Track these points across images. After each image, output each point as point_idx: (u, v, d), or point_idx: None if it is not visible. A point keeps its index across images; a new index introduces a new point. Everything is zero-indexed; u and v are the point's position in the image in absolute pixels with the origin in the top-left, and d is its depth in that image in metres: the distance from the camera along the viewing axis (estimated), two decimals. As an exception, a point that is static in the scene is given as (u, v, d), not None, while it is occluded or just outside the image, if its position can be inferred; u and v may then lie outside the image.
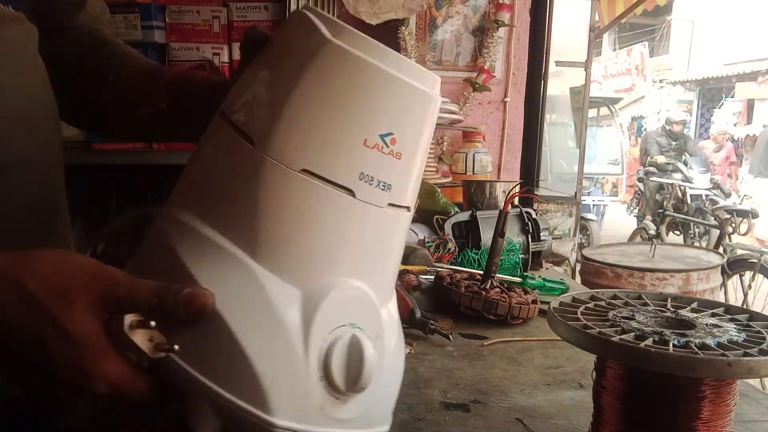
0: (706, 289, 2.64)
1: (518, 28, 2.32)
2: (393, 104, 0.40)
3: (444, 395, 0.65)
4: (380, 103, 0.39)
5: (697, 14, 12.40)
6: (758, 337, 0.46)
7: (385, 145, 0.40)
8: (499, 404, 0.64)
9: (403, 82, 0.39)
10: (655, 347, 0.43)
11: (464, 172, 2.03)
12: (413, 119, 0.41)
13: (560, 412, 0.62)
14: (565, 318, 0.49)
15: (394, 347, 0.44)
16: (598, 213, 6.75)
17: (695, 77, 12.40)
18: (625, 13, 3.43)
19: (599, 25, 2.99)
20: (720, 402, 0.44)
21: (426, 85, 0.41)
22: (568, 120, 3.15)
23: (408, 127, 0.41)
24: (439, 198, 1.49)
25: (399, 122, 0.40)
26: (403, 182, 0.42)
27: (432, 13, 2.29)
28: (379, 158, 0.40)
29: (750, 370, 0.41)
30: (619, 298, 0.57)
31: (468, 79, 2.31)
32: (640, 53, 12.35)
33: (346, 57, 0.38)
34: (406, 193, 0.43)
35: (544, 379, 0.71)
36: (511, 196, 1.04)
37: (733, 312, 0.53)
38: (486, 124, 2.35)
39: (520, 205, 1.40)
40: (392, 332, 0.44)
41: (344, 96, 0.39)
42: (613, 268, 2.67)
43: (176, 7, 1.75)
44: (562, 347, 0.81)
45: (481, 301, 0.91)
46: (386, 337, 0.43)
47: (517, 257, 1.23)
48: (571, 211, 2.49)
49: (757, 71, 10.51)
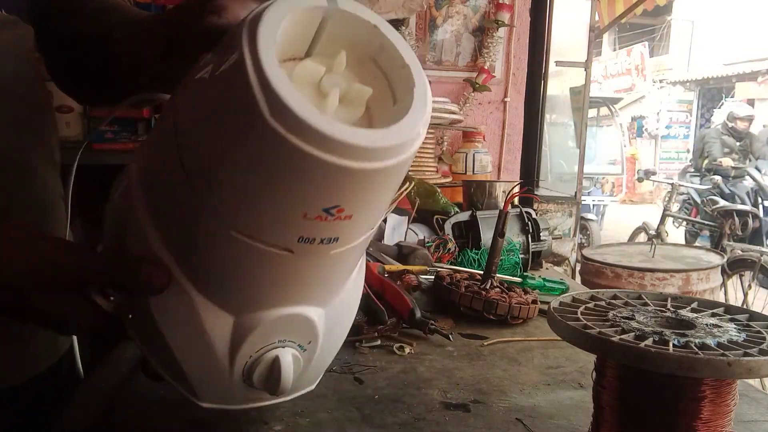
0: (706, 289, 2.64)
1: (518, 28, 2.32)
2: (337, 187, 0.34)
3: (444, 395, 0.65)
4: (319, 187, 0.34)
5: (697, 14, 12.40)
6: (758, 337, 0.46)
7: (330, 215, 0.35)
8: (499, 404, 0.64)
9: (345, 168, 0.32)
10: (655, 347, 0.43)
11: (464, 172, 2.04)
12: (365, 193, 0.36)
13: (560, 412, 0.62)
14: (565, 318, 0.49)
15: (336, 326, 0.47)
16: (598, 213, 6.75)
17: (695, 77, 12.40)
18: (625, 13, 3.43)
19: (599, 25, 2.99)
20: (720, 402, 0.44)
21: (382, 158, 0.34)
22: (568, 120, 3.15)
23: (359, 199, 0.36)
24: (439, 198, 1.49)
25: (345, 197, 0.35)
26: (354, 233, 0.38)
27: (432, 13, 2.30)
28: (323, 225, 0.35)
29: (750, 370, 0.41)
30: (619, 298, 0.57)
31: (468, 79, 2.32)
32: (640, 53, 12.35)
33: (281, 142, 0.31)
34: (359, 235, 0.39)
35: (544, 379, 0.71)
36: (511, 196, 1.04)
37: (733, 312, 0.52)
38: (486, 124, 2.35)
39: (520, 205, 1.40)
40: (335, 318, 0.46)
41: (279, 178, 0.33)
42: (613, 268, 2.67)
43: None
44: (562, 347, 0.81)
45: (481, 301, 0.91)
46: (320, 334, 0.45)
47: (517, 257, 1.23)
48: (571, 211, 2.49)
49: (757, 71, 10.52)
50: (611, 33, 12.65)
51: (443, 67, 2.35)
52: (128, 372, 0.68)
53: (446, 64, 2.35)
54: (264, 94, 0.31)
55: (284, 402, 0.62)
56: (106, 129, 1.76)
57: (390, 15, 2.04)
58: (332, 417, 0.59)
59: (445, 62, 2.35)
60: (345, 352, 0.77)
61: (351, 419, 0.59)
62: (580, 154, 2.65)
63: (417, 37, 2.28)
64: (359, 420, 0.59)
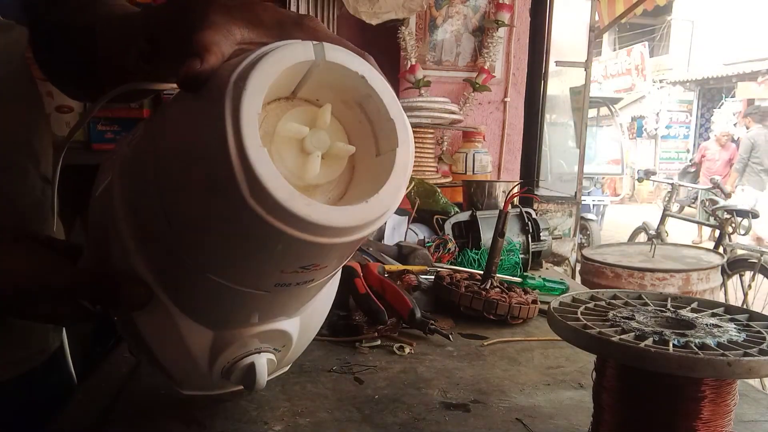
0: (706, 289, 2.64)
1: (518, 28, 2.32)
2: (314, 254, 0.36)
3: (444, 395, 0.65)
4: (297, 256, 0.36)
5: (697, 14, 12.41)
6: (758, 337, 0.46)
7: (307, 270, 0.37)
8: (499, 404, 0.64)
9: (321, 244, 0.34)
10: (655, 347, 0.43)
11: (464, 172, 2.03)
12: (341, 253, 0.38)
13: (560, 412, 0.62)
14: (565, 318, 0.49)
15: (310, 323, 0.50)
16: (598, 213, 6.75)
17: (695, 77, 12.40)
18: (625, 13, 3.43)
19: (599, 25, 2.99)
20: (720, 402, 0.44)
21: (358, 233, 0.36)
22: (568, 120, 3.16)
23: (334, 256, 0.38)
24: (439, 198, 1.49)
25: (322, 258, 0.37)
26: (329, 274, 0.41)
27: (432, 13, 2.29)
28: (299, 275, 0.38)
29: (750, 370, 0.41)
30: (619, 298, 0.57)
31: (468, 79, 2.32)
32: (640, 53, 12.36)
33: (260, 223, 0.32)
34: (334, 272, 0.42)
35: (544, 379, 0.71)
36: (511, 196, 1.04)
37: (733, 312, 0.53)
38: (486, 124, 2.35)
39: (520, 205, 1.40)
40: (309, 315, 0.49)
41: (258, 248, 0.35)
42: (613, 268, 2.67)
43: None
44: (562, 347, 0.81)
45: (481, 301, 0.91)
46: (294, 339, 0.48)
47: (517, 257, 1.23)
48: (571, 211, 2.49)
49: (757, 71, 10.52)
50: (611, 33, 12.66)
51: (443, 67, 2.35)
52: (128, 372, 0.68)
53: (446, 64, 2.35)
54: (245, 175, 0.31)
55: (284, 402, 0.62)
56: (106, 129, 1.76)
57: (390, 15, 2.03)
58: (332, 417, 0.59)
59: (445, 62, 2.35)
60: (345, 352, 0.77)
61: (351, 419, 0.59)
62: (580, 154, 2.65)
63: (417, 37, 2.28)
64: (359, 420, 0.59)
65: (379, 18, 1.98)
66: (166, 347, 0.44)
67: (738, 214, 4.09)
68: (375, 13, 1.96)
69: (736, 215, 4.08)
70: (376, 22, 1.99)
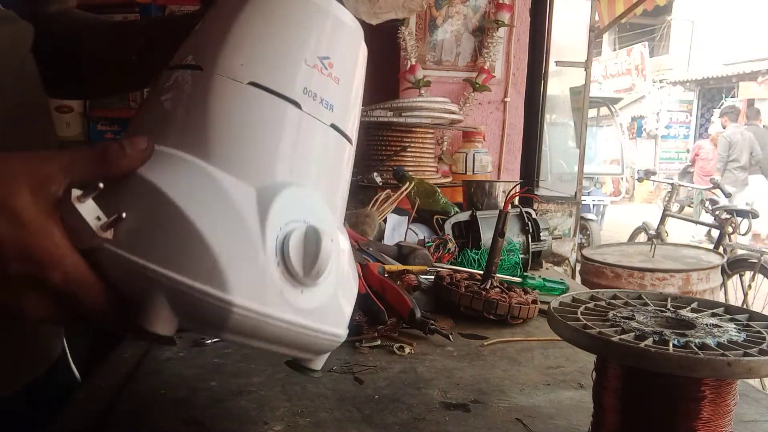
0: (706, 289, 2.64)
1: (518, 28, 2.32)
2: (325, 31, 0.47)
3: (444, 395, 0.65)
4: (314, 29, 0.46)
5: (697, 14, 12.41)
6: (758, 337, 0.46)
7: (324, 67, 0.45)
8: (499, 404, 0.64)
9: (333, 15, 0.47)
10: (655, 347, 0.43)
11: (464, 172, 2.03)
12: (344, 48, 0.48)
13: (560, 412, 0.62)
14: (565, 318, 0.49)
15: (347, 264, 0.46)
16: (598, 213, 6.75)
17: (695, 77, 12.40)
18: (625, 13, 3.43)
19: (599, 25, 2.99)
20: (720, 402, 0.44)
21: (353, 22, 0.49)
22: (568, 120, 3.15)
23: (341, 55, 0.47)
24: (439, 198, 1.49)
25: (333, 49, 0.46)
26: (343, 107, 0.47)
27: (432, 13, 2.29)
28: (320, 78, 0.45)
29: (750, 370, 0.41)
30: (619, 298, 0.57)
31: (468, 79, 2.31)
32: (640, 53, 12.36)
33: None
34: (347, 122, 0.48)
35: (544, 379, 0.71)
36: (511, 196, 1.04)
37: (733, 312, 0.53)
38: (486, 124, 2.35)
39: (520, 205, 1.40)
40: (344, 251, 0.47)
41: (283, 22, 0.45)
42: (613, 268, 2.66)
43: (177, 7, 1.76)
44: (562, 347, 0.81)
45: (481, 301, 0.91)
46: (342, 242, 0.45)
47: (517, 257, 1.23)
48: (571, 211, 2.49)
49: (757, 71, 10.52)
50: (611, 33, 12.66)
51: (443, 67, 2.34)
52: (128, 372, 0.68)
53: (446, 64, 2.35)
54: None
55: (284, 402, 0.62)
56: (106, 129, 1.77)
57: (390, 15, 2.03)
58: (332, 417, 0.59)
59: (445, 62, 2.34)
60: (345, 352, 0.77)
61: (351, 419, 0.59)
62: (580, 154, 2.65)
63: (417, 37, 2.28)
64: (359, 420, 0.59)
65: (379, 18, 1.98)
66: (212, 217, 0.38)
67: (738, 214, 4.09)
68: (375, 13, 1.96)
69: (736, 215, 4.08)
70: (376, 22, 1.99)
